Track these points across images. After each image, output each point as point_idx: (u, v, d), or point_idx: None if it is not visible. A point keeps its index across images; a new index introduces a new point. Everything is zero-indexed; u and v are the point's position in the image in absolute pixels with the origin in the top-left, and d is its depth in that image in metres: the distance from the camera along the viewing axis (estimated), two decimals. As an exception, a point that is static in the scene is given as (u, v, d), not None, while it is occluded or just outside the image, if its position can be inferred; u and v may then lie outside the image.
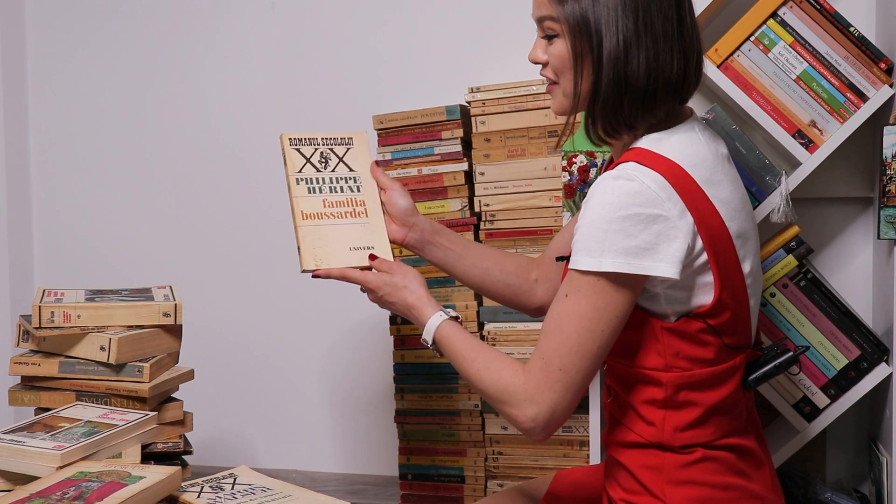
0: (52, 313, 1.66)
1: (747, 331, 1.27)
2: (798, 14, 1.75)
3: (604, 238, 1.15)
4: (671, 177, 1.16)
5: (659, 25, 1.19)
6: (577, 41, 1.21)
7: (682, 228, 1.16)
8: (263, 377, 2.44)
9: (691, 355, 1.21)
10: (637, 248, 1.14)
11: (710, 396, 1.23)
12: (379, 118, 1.96)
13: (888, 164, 1.72)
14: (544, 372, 1.19)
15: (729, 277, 1.20)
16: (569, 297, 1.18)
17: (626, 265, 1.15)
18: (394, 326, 1.97)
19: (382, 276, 1.38)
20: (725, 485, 1.23)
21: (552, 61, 1.25)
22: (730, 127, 1.77)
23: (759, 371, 1.29)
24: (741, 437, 1.27)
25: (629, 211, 1.14)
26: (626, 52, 1.18)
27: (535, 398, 1.19)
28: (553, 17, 1.22)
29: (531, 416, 1.20)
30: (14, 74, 2.54)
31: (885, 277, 1.83)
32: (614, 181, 1.16)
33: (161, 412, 1.67)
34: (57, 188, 2.59)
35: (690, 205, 1.16)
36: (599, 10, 1.18)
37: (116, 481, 1.29)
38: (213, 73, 2.44)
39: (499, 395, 1.23)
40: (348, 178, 1.46)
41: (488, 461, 1.92)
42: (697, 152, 1.21)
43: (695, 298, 1.20)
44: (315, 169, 1.45)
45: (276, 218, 2.40)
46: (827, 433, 1.94)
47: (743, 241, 1.23)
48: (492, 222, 1.90)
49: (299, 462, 2.42)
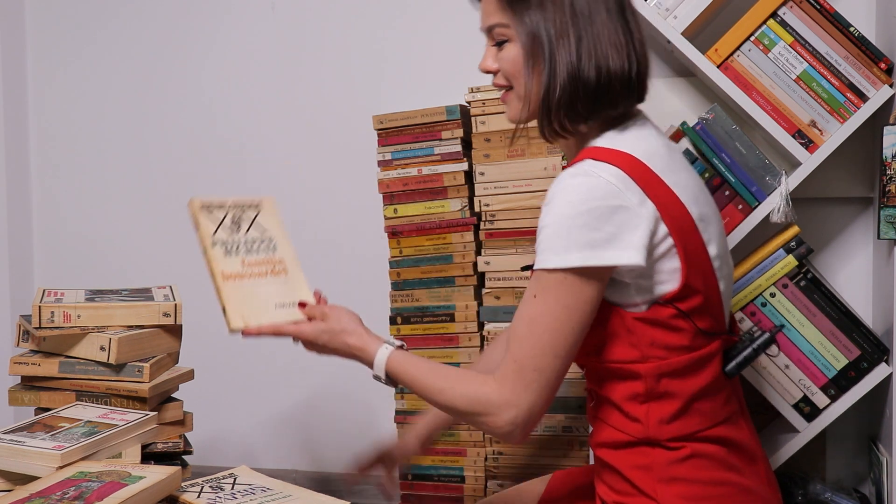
0: (52, 313, 1.66)
1: (720, 315, 1.28)
2: (798, 14, 1.75)
3: (567, 235, 1.17)
4: (628, 168, 1.19)
5: (606, 26, 1.23)
6: (528, 43, 1.24)
7: (643, 216, 1.18)
8: (263, 377, 2.44)
9: (666, 343, 1.22)
10: (601, 239, 1.16)
11: (691, 384, 1.23)
12: (379, 118, 1.96)
13: (888, 164, 1.72)
14: (519, 375, 1.19)
15: (696, 260, 1.22)
16: (537, 298, 1.19)
17: (593, 258, 1.16)
18: (394, 327, 1.97)
19: (317, 324, 1.35)
20: (717, 481, 1.24)
21: (505, 66, 1.28)
22: (730, 127, 1.77)
23: (738, 356, 1.30)
24: (729, 428, 1.27)
25: (590, 205, 1.16)
26: (577, 51, 1.22)
27: (512, 401, 1.19)
28: (503, 24, 1.27)
29: (509, 419, 1.20)
30: (14, 74, 2.54)
31: (885, 277, 1.83)
32: (572, 179, 1.19)
33: (161, 412, 1.67)
34: (57, 188, 2.59)
35: (650, 192, 1.19)
36: (549, 12, 1.23)
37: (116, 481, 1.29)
38: (213, 73, 2.44)
39: (472, 407, 1.22)
40: (263, 239, 1.45)
41: (488, 461, 1.92)
42: (651, 144, 1.24)
43: (664, 285, 1.21)
44: (229, 232, 1.43)
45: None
46: (827, 433, 1.94)
47: (705, 224, 1.25)
48: (492, 222, 1.90)
49: (299, 462, 2.42)
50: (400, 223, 1.94)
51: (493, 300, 1.90)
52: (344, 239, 2.35)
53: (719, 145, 1.77)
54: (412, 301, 1.94)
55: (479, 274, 1.92)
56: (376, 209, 2.02)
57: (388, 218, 1.95)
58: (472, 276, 1.91)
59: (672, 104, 2.03)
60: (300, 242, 2.47)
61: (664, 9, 1.78)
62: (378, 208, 2.00)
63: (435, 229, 1.92)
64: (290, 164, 2.39)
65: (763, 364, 1.79)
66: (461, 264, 1.91)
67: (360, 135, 2.22)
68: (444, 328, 1.92)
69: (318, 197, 2.37)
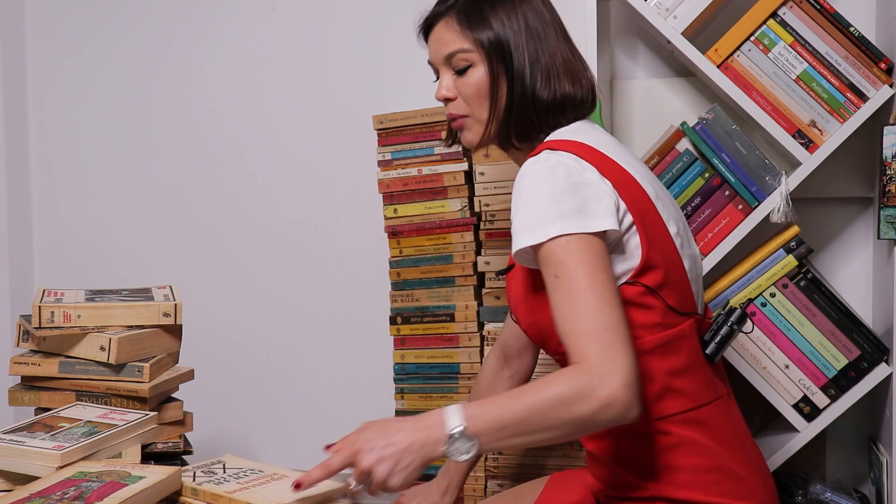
0: (52, 313, 1.66)
1: (688, 293, 1.29)
2: (798, 14, 1.75)
3: (538, 212, 1.18)
4: (580, 152, 1.23)
5: (556, 47, 1.31)
6: (493, 64, 1.30)
7: (605, 190, 1.20)
8: (263, 377, 2.44)
9: (639, 322, 1.23)
10: (571, 210, 1.17)
11: (668, 363, 1.24)
12: (379, 118, 1.96)
13: (888, 164, 1.72)
14: (597, 341, 1.10)
15: (655, 234, 1.24)
16: (559, 276, 1.15)
17: (567, 227, 1.16)
18: (394, 327, 1.97)
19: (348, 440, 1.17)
20: (706, 467, 1.25)
21: (467, 91, 1.33)
22: (730, 127, 1.77)
23: (716, 337, 1.31)
24: (715, 412, 1.28)
25: (554, 183, 1.19)
26: (531, 69, 1.29)
27: (610, 367, 1.08)
28: (465, 49, 1.32)
29: (620, 383, 1.08)
30: (14, 74, 2.54)
31: (885, 277, 1.83)
32: (533, 166, 1.22)
33: (161, 412, 1.67)
34: (57, 188, 2.59)
35: (605, 171, 1.22)
36: (508, 33, 1.30)
37: (116, 481, 1.29)
38: (213, 73, 2.44)
39: (579, 388, 1.08)
40: (246, 470, 1.46)
41: (488, 461, 1.92)
42: (598, 135, 1.30)
43: (629, 261, 1.23)
44: (206, 476, 1.44)
45: (276, 218, 2.40)
46: (827, 433, 1.95)
47: (662, 204, 1.28)
48: (492, 222, 1.90)
49: (299, 462, 2.42)
50: (400, 223, 1.94)
51: (493, 300, 1.90)
52: (344, 239, 2.35)
53: (719, 145, 1.78)
54: (412, 301, 1.94)
55: (479, 274, 1.92)
56: (376, 209, 2.02)
57: (388, 218, 1.95)
58: (472, 276, 1.91)
59: (672, 104, 2.03)
60: (300, 242, 2.48)
61: (664, 9, 1.78)
62: (378, 208, 2.00)
63: (435, 229, 1.92)
64: (289, 164, 2.39)
65: (763, 364, 1.80)
66: (461, 264, 1.91)
67: (360, 135, 2.22)
68: (444, 328, 1.92)
69: (319, 197, 2.37)
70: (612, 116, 2.08)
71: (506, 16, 1.30)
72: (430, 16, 1.38)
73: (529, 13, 1.31)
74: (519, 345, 1.62)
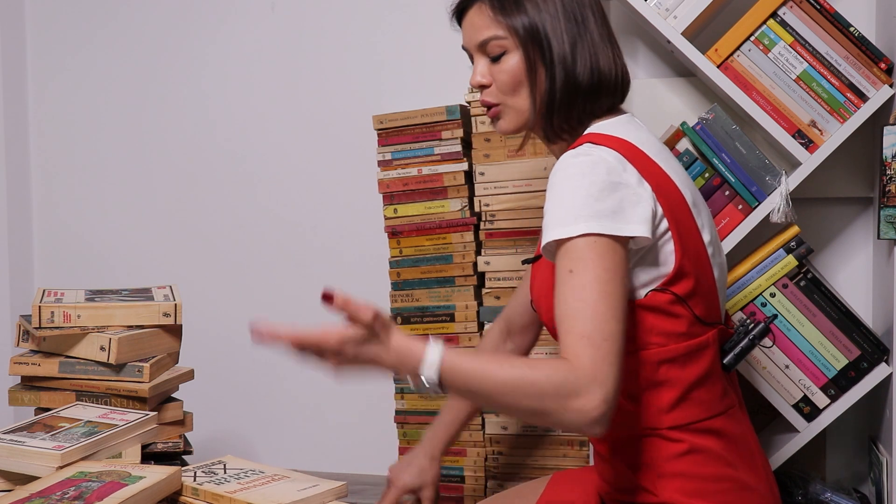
0: (52, 313, 1.66)
1: (715, 303, 1.29)
2: (798, 14, 1.75)
3: (572, 207, 1.16)
4: (623, 150, 1.21)
5: (594, 30, 1.28)
6: (528, 51, 1.27)
7: (642, 195, 1.19)
8: (263, 377, 2.44)
9: (665, 329, 1.22)
10: (606, 210, 1.16)
11: (688, 372, 1.24)
12: (379, 118, 1.96)
13: (888, 164, 1.72)
14: (594, 348, 1.09)
15: (689, 243, 1.23)
16: (574, 272, 1.14)
17: (600, 226, 1.15)
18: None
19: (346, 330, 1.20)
20: (716, 476, 1.24)
21: (502, 79, 1.29)
22: (730, 127, 1.77)
23: (735, 348, 1.30)
24: (727, 421, 1.27)
25: (592, 178, 1.17)
26: (572, 54, 1.26)
27: (598, 376, 1.07)
28: (499, 36, 1.28)
29: (602, 397, 1.07)
30: (14, 74, 2.54)
31: (885, 277, 1.83)
32: (574, 159, 1.20)
33: (161, 412, 1.67)
34: (57, 188, 2.59)
35: (645, 173, 1.20)
36: (544, 18, 1.26)
37: (116, 481, 1.29)
38: (213, 74, 2.44)
39: (560, 388, 1.07)
40: (247, 470, 1.47)
41: (488, 461, 1.92)
42: (641, 134, 1.28)
43: (661, 268, 1.22)
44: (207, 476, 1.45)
45: (276, 218, 2.40)
46: (827, 433, 1.94)
47: (698, 210, 1.27)
48: (492, 222, 1.89)
49: (299, 462, 2.42)
50: (400, 223, 1.94)
51: (493, 300, 1.90)
52: (344, 239, 2.35)
53: (719, 145, 1.77)
54: (412, 301, 1.94)
55: (479, 274, 1.92)
56: (376, 209, 2.02)
57: (388, 218, 1.95)
58: (472, 276, 1.91)
59: (672, 104, 2.03)
60: (300, 243, 2.48)
61: (664, 9, 1.78)
62: (378, 208, 2.00)
63: (435, 229, 1.92)
64: (289, 164, 2.39)
65: (763, 364, 1.79)
66: (461, 264, 1.91)
67: (360, 135, 2.22)
68: (444, 328, 1.92)
69: (319, 197, 2.37)
70: (612, 116, 2.08)
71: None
72: (462, 0, 1.34)
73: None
74: (523, 321, 1.62)
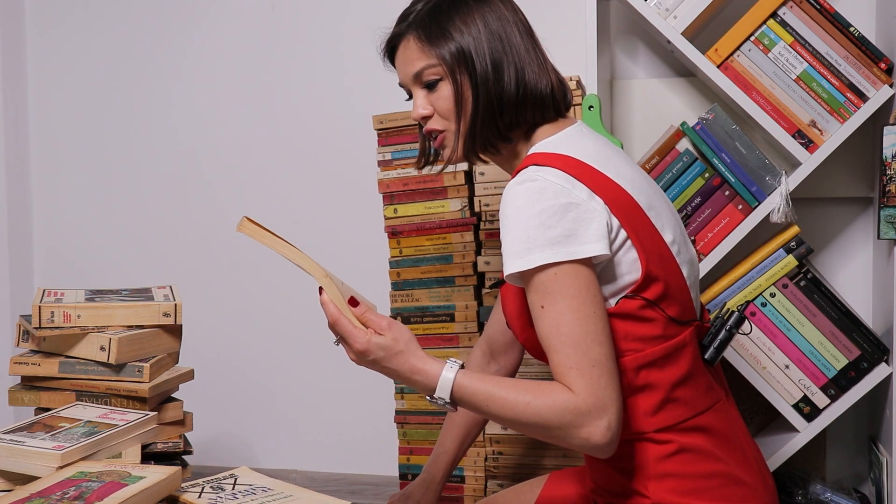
0: (52, 313, 1.66)
1: (688, 302, 1.29)
2: (798, 14, 1.75)
3: (526, 238, 1.17)
4: (569, 168, 1.21)
5: (520, 44, 1.30)
6: (456, 74, 1.29)
7: (595, 210, 1.19)
8: (263, 377, 2.44)
9: (640, 335, 1.23)
10: (559, 236, 1.16)
11: (669, 374, 1.24)
12: (379, 118, 1.96)
13: (888, 164, 1.72)
14: (585, 377, 1.13)
15: (652, 248, 1.23)
16: (545, 307, 1.17)
17: (555, 255, 1.16)
18: (394, 326, 1.97)
19: (374, 337, 1.25)
20: (707, 473, 1.24)
21: (442, 105, 1.32)
22: (730, 127, 1.77)
23: (714, 341, 1.31)
24: (714, 416, 1.27)
25: (541, 206, 1.17)
26: (496, 72, 1.28)
27: (598, 404, 1.12)
28: (431, 64, 1.30)
29: (605, 424, 1.13)
30: (14, 74, 2.54)
31: (885, 277, 1.83)
32: (519, 186, 1.20)
33: (161, 412, 1.66)
34: (57, 188, 2.59)
35: (595, 187, 1.21)
36: (467, 41, 1.28)
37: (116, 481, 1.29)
38: (212, 73, 2.44)
39: (563, 419, 1.13)
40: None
41: (488, 461, 1.92)
42: (586, 145, 1.28)
43: (626, 276, 1.22)
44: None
45: (276, 218, 2.40)
46: (827, 433, 1.95)
47: (656, 212, 1.26)
48: (491, 222, 1.90)
49: (299, 462, 2.42)
50: (400, 223, 1.94)
51: (493, 300, 1.90)
52: (344, 239, 2.35)
53: (719, 145, 1.78)
54: (412, 301, 1.94)
55: (479, 274, 1.92)
56: (376, 209, 2.02)
57: (388, 218, 1.95)
58: (472, 276, 1.91)
59: (672, 104, 2.04)
60: (300, 242, 2.48)
61: (664, 9, 1.78)
62: (378, 208, 2.00)
63: (435, 229, 1.92)
64: (289, 164, 2.39)
65: (763, 364, 1.80)
66: (461, 264, 1.91)
67: (360, 135, 2.22)
68: (444, 328, 1.92)
69: (319, 197, 2.37)
70: (612, 116, 2.08)
71: (463, 23, 1.28)
72: (390, 38, 1.38)
73: (489, 15, 1.29)
74: (505, 340, 1.62)
